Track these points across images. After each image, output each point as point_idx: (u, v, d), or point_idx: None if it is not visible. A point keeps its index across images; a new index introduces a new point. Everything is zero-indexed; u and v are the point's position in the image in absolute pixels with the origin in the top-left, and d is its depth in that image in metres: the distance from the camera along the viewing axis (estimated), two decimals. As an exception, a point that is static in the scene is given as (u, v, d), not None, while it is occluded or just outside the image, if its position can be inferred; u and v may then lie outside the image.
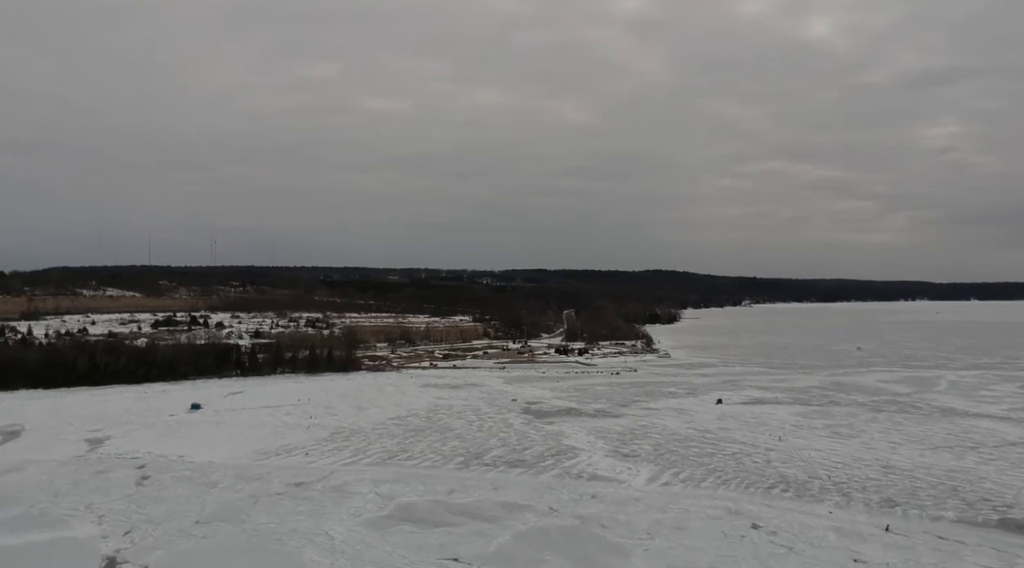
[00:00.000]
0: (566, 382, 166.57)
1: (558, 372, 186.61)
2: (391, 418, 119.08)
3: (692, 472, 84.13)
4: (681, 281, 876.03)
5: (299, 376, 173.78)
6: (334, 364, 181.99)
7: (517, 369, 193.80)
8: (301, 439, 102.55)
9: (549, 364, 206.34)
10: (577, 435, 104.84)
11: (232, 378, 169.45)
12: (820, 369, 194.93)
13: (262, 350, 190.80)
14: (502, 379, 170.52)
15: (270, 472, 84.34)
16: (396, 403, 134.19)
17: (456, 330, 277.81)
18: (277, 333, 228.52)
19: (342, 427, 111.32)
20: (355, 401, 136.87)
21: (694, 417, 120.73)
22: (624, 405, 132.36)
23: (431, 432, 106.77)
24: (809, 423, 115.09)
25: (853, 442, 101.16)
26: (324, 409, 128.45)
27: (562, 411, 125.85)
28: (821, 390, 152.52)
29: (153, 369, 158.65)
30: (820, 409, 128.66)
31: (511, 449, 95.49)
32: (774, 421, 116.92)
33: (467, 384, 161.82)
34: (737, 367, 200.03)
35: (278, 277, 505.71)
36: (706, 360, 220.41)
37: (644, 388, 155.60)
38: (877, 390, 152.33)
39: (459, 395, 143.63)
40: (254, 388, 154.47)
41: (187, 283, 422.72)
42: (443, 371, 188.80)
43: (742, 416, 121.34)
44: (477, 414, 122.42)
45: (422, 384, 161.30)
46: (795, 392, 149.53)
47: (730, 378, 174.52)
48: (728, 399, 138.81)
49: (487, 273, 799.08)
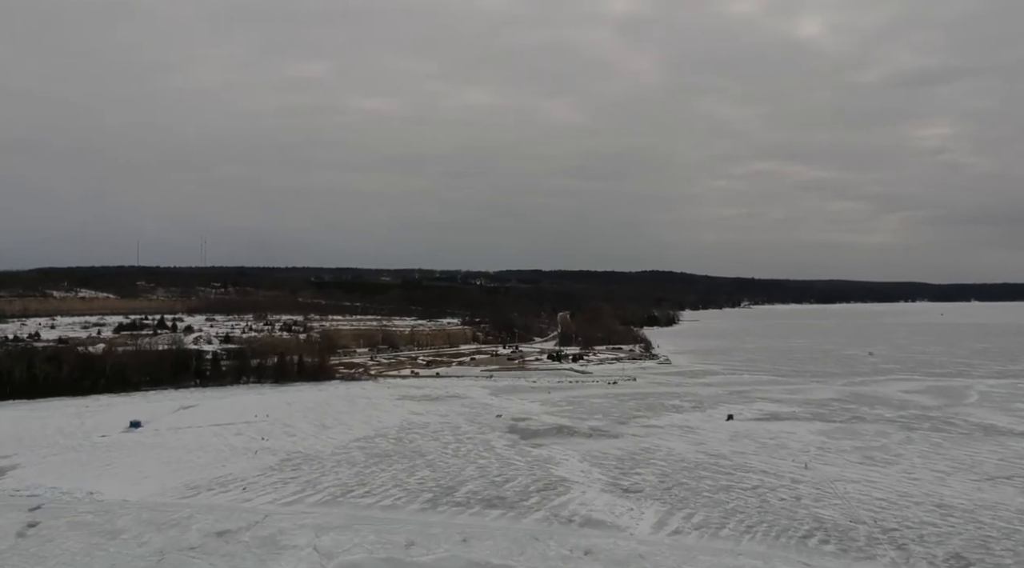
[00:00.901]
0: (558, 393, 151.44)
1: (550, 381, 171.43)
2: (355, 439, 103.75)
3: (707, 514, 68.81)
4: (678, 282, 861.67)
5: (264, 386, 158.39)
6: (305, 373, 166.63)
7: (505, 378, 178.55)
8: (244, 468, 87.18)
9: (541, 372, 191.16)
10: (569, 462, 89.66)
11: (189, 389, 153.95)
12: (834, 377, 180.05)
13: (228, 357, 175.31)
14: (488, 390, 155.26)
15: (192, 515, 68.54)
16: (365, 420, 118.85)
17: (443, 334, 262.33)
18: (249, 338, 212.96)
19: (295, 452, 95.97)
20: (319, 417, 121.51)
21: (703, 437, 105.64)
22: (623, 422, 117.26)
23: (398, 458, 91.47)
24: (836, 445, 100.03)
25: (892, 471, 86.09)
26: (281, 427, 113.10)
27: (552, 430, 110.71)
28: (841, 403, 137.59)
29: (100, 379, 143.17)
30: (844, 426, 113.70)
31: (490, 481, 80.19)
32: (795, 442, 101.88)
33: (448, 396, 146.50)
34: (744, 375, 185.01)
35: (268, 278, 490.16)
36: (709, 367, 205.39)
37: (644, 400, 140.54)
38: (902, 403, 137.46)
39: (438, 410, 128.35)
40: (210, 401, 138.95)
41: (175, 284, 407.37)
42: (424, 380, 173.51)
43: (757, 436, 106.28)
44: (455, 434, 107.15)
45: (398, 396, 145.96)
46: (812, 405, 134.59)
47: (738, 388, 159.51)
48: (739, 414, 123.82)
49: (481, 274, 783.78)
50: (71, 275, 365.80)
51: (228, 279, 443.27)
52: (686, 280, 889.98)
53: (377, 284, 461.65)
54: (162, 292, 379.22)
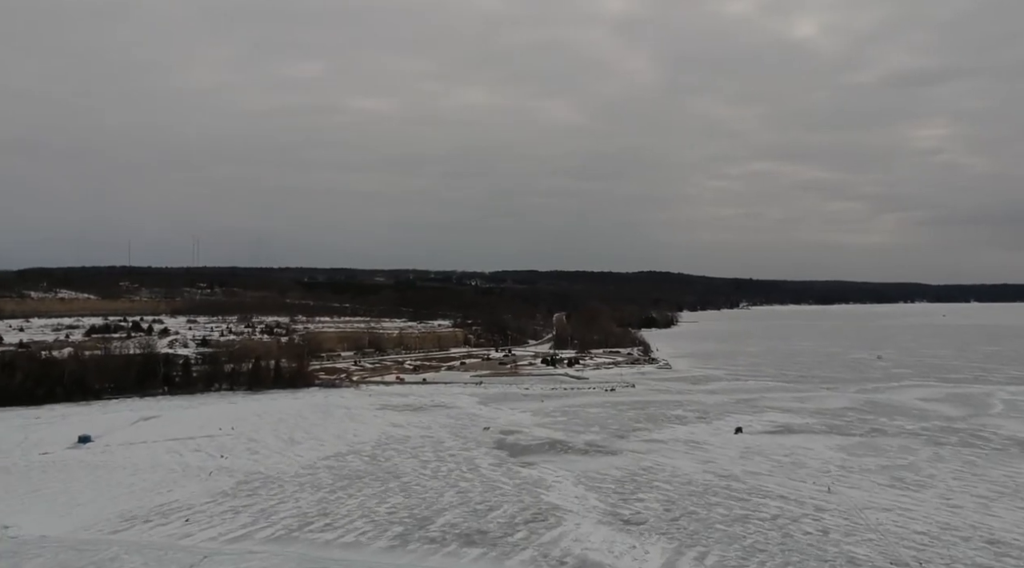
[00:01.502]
0: (552, 402, 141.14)
1: (543, 388, 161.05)
2: (325, 457, 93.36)
3: (722, 553, 58.56)
4: (676, 282, 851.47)
5: (237, 394, 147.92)
6: (281, 379, 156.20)
7: (496, 384, 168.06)
8: (193, 493, 76.76)
9: (534, 378, 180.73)
10: (562, 485, 79.45)
11: (156, 397, 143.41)
12: (845, 383, 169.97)
13: (202, 362, 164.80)
14: (476, 398, 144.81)
15: (117, 556, 58.49)
16: (340, 433, 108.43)
17: (433, 336, 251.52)
18: (227, 341, 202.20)
19: (255, 472, 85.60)
20: (290, 430, 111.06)
21: (711, 453, 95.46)
22: (622, 435, 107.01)
23: (370, 481, 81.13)
24: (859, 464, 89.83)
25: (927, 496, 75.93)
26: (246, 443, 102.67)
27: (544, 445, 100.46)
28: (857, 413, 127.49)
29: (57, 388, 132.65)
30: (865, 441, 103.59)
31: (471, 510, 69.91)
32: (813, 460, 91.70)
33: (433, 405, 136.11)
34: (750, 381, 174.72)
35: (262, 278, 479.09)
36: (712, 372, 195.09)
37: (645, 410, 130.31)
38: (923, 413, 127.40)
39: (420, 422, 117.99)
40: (175, 411, 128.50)
41: (161, 284, 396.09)
42: (409, 387, 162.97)
43: (771, 452, 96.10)
44: (437, 451, 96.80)
45: (379, 405, 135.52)
46: (826, 415, 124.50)
47: (744, 396, 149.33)
48: (748, 426, 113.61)
49: (477, 274, 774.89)
50: (51, 275, 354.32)
51: (220, 279, 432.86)
52: (684, 281, 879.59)
53: (367, 284, 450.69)
54: (146, 293, 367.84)
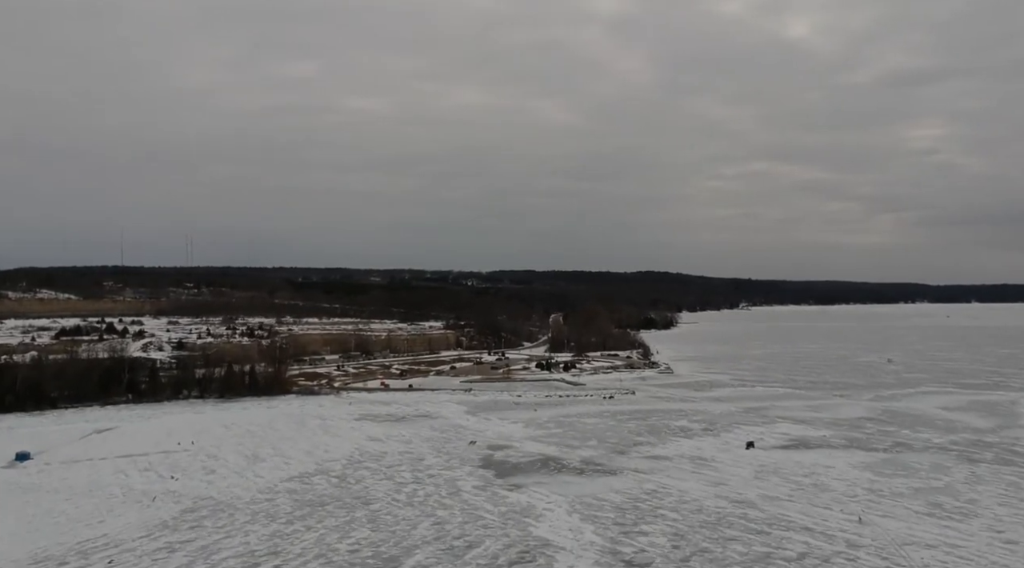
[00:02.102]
0: (546, 411, 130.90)
1: (537, 395, 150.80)
2: (289, 478, 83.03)
3: (746, 610, 48.25)
4: (674, 283, 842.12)
5: (207, 403, 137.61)
6: (256, 386, 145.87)
7: (487, 391, 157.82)
8: (127, 525, 66.42)
9: (528, 384, 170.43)
10: (554, 514, 69.19)
11: (118, 406, 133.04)
12: (858, 390, 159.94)
13: (175, 367, 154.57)
14: (464, 407, 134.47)
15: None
16: (310, 448, 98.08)
17: (423, 339, 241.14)
18: (204, 343, 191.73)
19: (206, 497, 75.25)
20: (256, 445, 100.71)
21: (721, 473, 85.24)
22: (622, 451, 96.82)
23: (335, 508, 70.83)
24: (889, 485, 79.63)
25: (973, 527, 65.69)
26: (203, 460, 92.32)
27: (536, 463, 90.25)
28: (876, 424, 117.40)
29: (8, 396, 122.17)
30: (890, 458, 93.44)
31: (448, 547, 59.68)
32: (837, 481, 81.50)
33: (417, 415, 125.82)
34: (757, 387, 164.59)
35: (255, 278, 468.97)
36: (716, 377, 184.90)
37: (646, 420, 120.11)
38: (948, 424, 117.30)
39: (401, 434, 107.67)
40: (135, 422, 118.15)
41: (146, 284, 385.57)
42: (393, 394, 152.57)
43: (788, 471, 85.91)
44: (415, 470, 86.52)
45: (358, 415, 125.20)
46: (844, 427, 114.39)
47: (752, 404, 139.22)
48: (760, 440, 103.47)
49: (473, 274, 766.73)
50: (31, 275, 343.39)
51: (212, 279, 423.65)
52: (682, 281, 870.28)
53: (358, 284, 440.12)
54: (130, 293, 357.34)
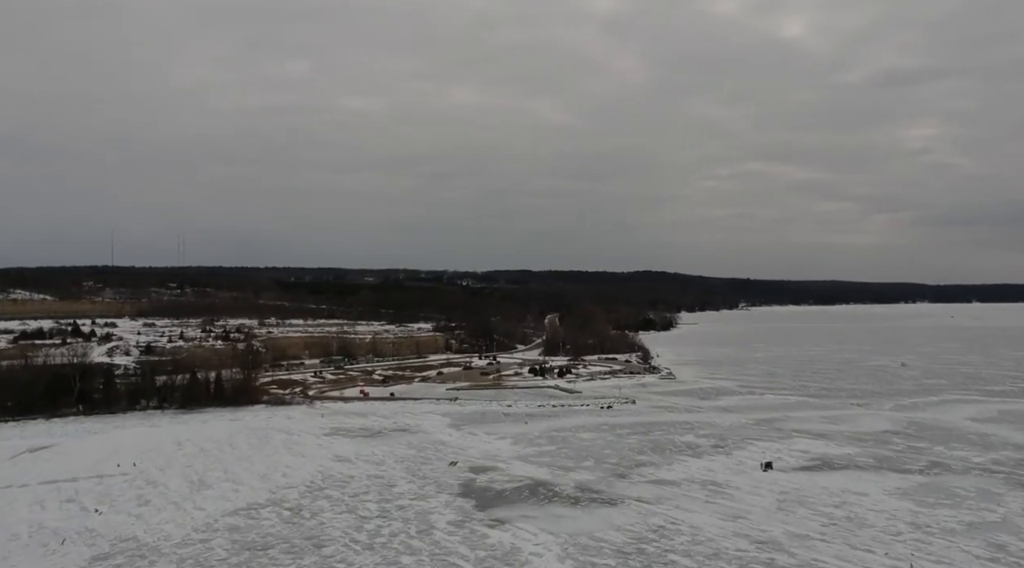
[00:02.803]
0: (538, 423, 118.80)
1: (529, 405, 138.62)
2: (234, 511, 70.83)
3: None
4: (672, 283, 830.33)
5: (166, 414, 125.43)
6: (222, 395, 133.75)
7: (474, 400, 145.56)
8: (18, 578, 54.34)
9: (519, 391, 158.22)
10: (544, 559, 57.60)
11: (67, 418, 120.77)
12: (876, 398, 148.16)
13: (134, 374, 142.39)
14: (448, 419, 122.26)
15: None
16: (266, 472, 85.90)
17: (410, 342, 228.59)
18: (174, 348, 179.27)
19: (127, 538, 63.12)
20: (205, 467, 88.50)
21: (738, 502, 73.28)
22: (622, 474, 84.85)
23: (279, 554, 58.83)
24: (935, 519, 67.79)
25: (1052, 579, 53.95)
26: (140, 487, 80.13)
27: (524, 489, 78.25)
28: (904, 439, 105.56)
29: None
30: (929, 481, 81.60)
31: (407, 611, 47.67)
32: (873, 513, 69.66)
33: (395, 429, 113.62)
34: (767, 395, 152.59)
35: (247, 278, 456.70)
36: (722, 383, 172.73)
37: (649, 435, 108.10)
38: (984, 439, 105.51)
39: (373, 453, 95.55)
40: (79, 438, 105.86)
41: (133, 284, 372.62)
42: (372, 404, 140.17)
43: (815, 499, 74.02)
44: (383, 500, 74.41)
45: (329, 429, 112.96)
46: (868, 442, 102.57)
47: (764, 415, 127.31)
48: (778, 459, 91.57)
49: (468, 274, 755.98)
50: (5, 275, 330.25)
51: (198, 280, 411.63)
52: (680, 281, 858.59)
53: (347, 285, 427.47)
54: (110, 293, 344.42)
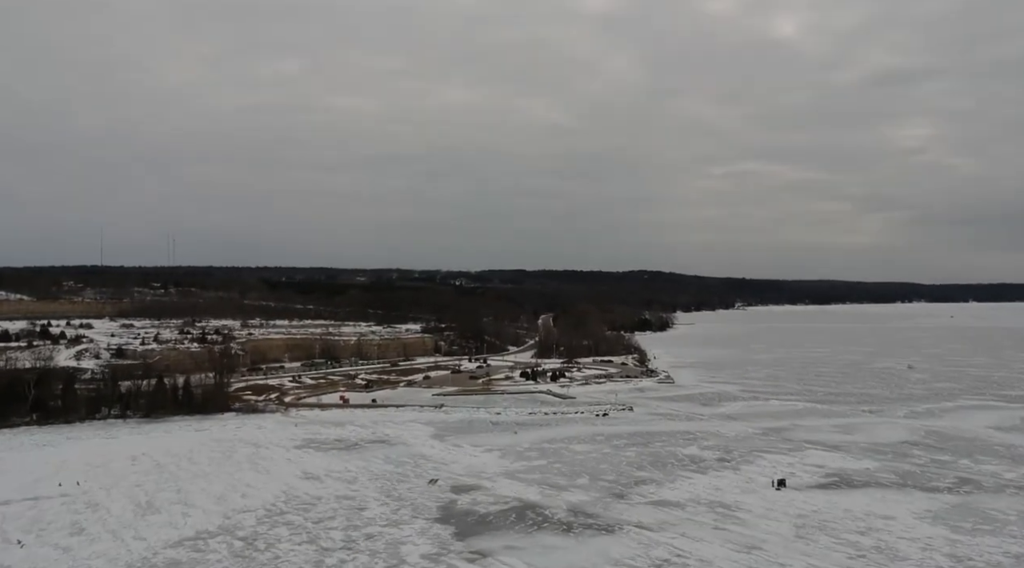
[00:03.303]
0: (529, 433, 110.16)
1: (520, 412, 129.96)
2: (179, 542, 62.00)
3: None
4: (667, 282, 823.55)
5: (128, 424, 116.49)
6: (191, 402, 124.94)
7: (462, 406, 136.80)
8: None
9: (510, 397, 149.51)
10: (528, 606, 48.75)
11: (16, 430, 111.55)
12: (888, 404, 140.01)
13: (100, 379, 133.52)
14: (432, 429, 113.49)
15: None
16: (224, 492, 77.04)
17: (398, 344, 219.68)
18: (146, 351, 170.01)
19: (44, 579, 54.27)
20: (157, 487, 79.60)
21: (751, 529, 64.73)
22: (620, 494, 76.30)
23: (218, 598, 50.00)
24: (978, 549, 59.47)
25: None
26: (78, 512, 71.17)
27: (511, 513, 69.62)
28: (924, 450, 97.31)
29: None
30: (961, 502, 73.24)
31: None
32: (905, 540, 61.32)
33: (373, 440, 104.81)
34: (772, 401, 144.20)
35: (237, 278, 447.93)
36: (724, 388, 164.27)
37: (648, 447, 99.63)
38: (1011, 450, 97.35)
39: (346, 469, 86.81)
40: (26, 451, 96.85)
41: (115, 284, 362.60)
42: (350, 413, 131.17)
43: (837, 524, 65.61)
44: (350, 527, 65.66)
45: (301, 440, 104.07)
46: (886, 455, 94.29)
47: (771, 423, 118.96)
48: (791, 475, 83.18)
49: (462, 274, 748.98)
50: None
51: (181, 279, 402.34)
52: (675, 280, 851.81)
53: (335, 285, 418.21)
54: (91, 293, 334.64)
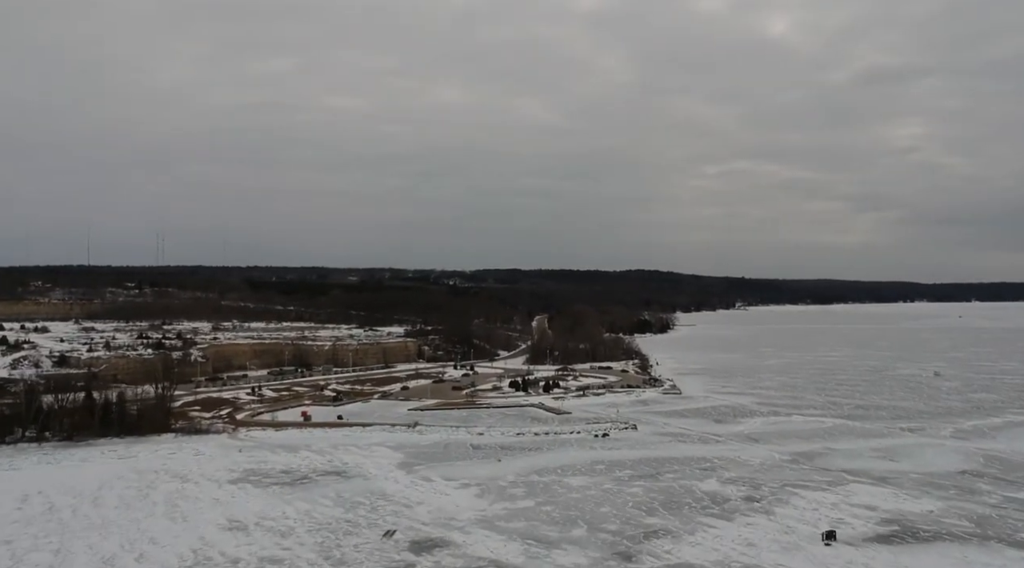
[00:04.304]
0: (515, 461, 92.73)
1: (506, 432, 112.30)
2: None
3: None
4: (665, 281, 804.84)
5: (42, 449, 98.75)
6: (124, 422, 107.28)
7: (441, 424, 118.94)
8: None
9: (496, 411, 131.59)
10: None
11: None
12: (926, 419, 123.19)
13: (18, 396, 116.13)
14: (401, 455, 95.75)
15: None
16: (115, 551, 59.62)
17: (377, 350, 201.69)
18: (91, 359, 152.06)
19: None
20: (31, 541, 62.19)
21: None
22: (627, 554, 59.14)
23: None
24: None
25: None
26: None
27: (483, 587, 52.33)
28: (994, 485, 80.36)
29: None
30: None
31: None
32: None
33: (328, 470, 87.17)
34: (794, 416, 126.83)
35: (226, 278, 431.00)
36: (737, 400, 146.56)
37: (658, 480, 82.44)
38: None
39: (284, 513, 69.30)
40: None
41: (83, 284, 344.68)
42: (310, 432, 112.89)
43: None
44: (261, 614, 48.27)
45: (242, 471, 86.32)
46: (948, 490, 77.41)
47: (799, 445, 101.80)
48: (839, 521, 66.27)
49: (457, 273, 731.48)
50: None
51: (185, 278, 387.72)
52: (673, 280, 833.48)
53: (319, 284, 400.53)
54: (60, 294, 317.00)
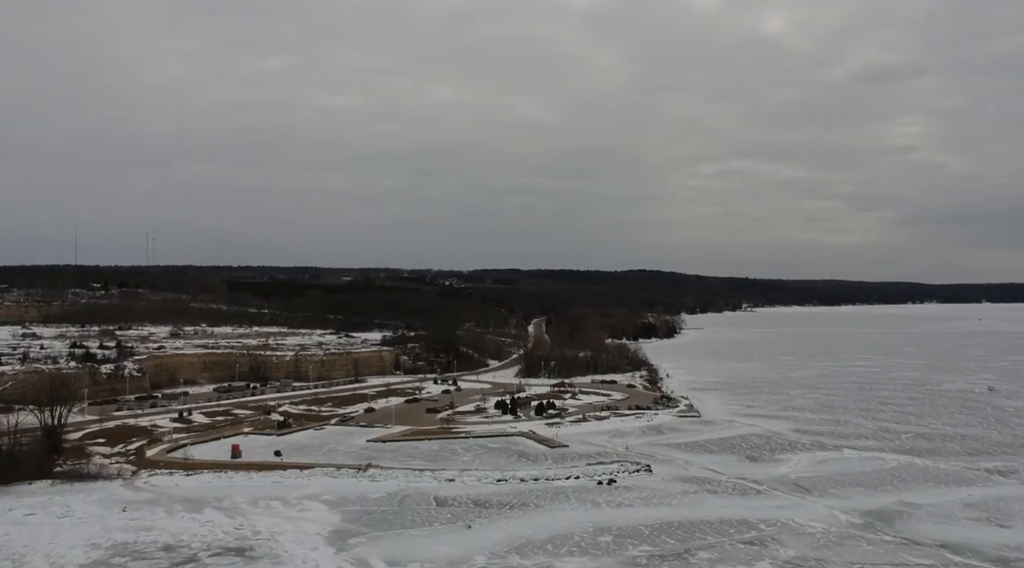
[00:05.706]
0: (489, 528, 68.21)
1: (483, 477, 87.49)
2: None
3: None
4: (668, 282, 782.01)
5: None
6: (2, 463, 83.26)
7: (401, 466, 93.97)
8: None
9: (475, 443, 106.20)
10: None
11: None
12: (1011, 455, 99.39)
13: None
14: (339, 515, 70.98)
15: None
16: None
17: (347, 360, 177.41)
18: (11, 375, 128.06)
19: None
20: None
21: None
22: None
23: None
24: None
25: None
26: None
27: None
28: None
29: None
30: None
31: None
32: None
33: (225, 546, 62.29)
34: (845, 450, 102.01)
35: (216, 278, 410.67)
36: (769, 426, 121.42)
37: (685, 560, 58.33)
38: None
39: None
40: None
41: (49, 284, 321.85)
42: (230, 477, 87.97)
43: None
44: None
45: (106, 546, 61.39)
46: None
47: (867, 498, 77.77)
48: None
49: (454, 273, 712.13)
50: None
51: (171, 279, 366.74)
52: (676, 280, 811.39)
53: (297, 284, 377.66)
54: (17, 295, 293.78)
